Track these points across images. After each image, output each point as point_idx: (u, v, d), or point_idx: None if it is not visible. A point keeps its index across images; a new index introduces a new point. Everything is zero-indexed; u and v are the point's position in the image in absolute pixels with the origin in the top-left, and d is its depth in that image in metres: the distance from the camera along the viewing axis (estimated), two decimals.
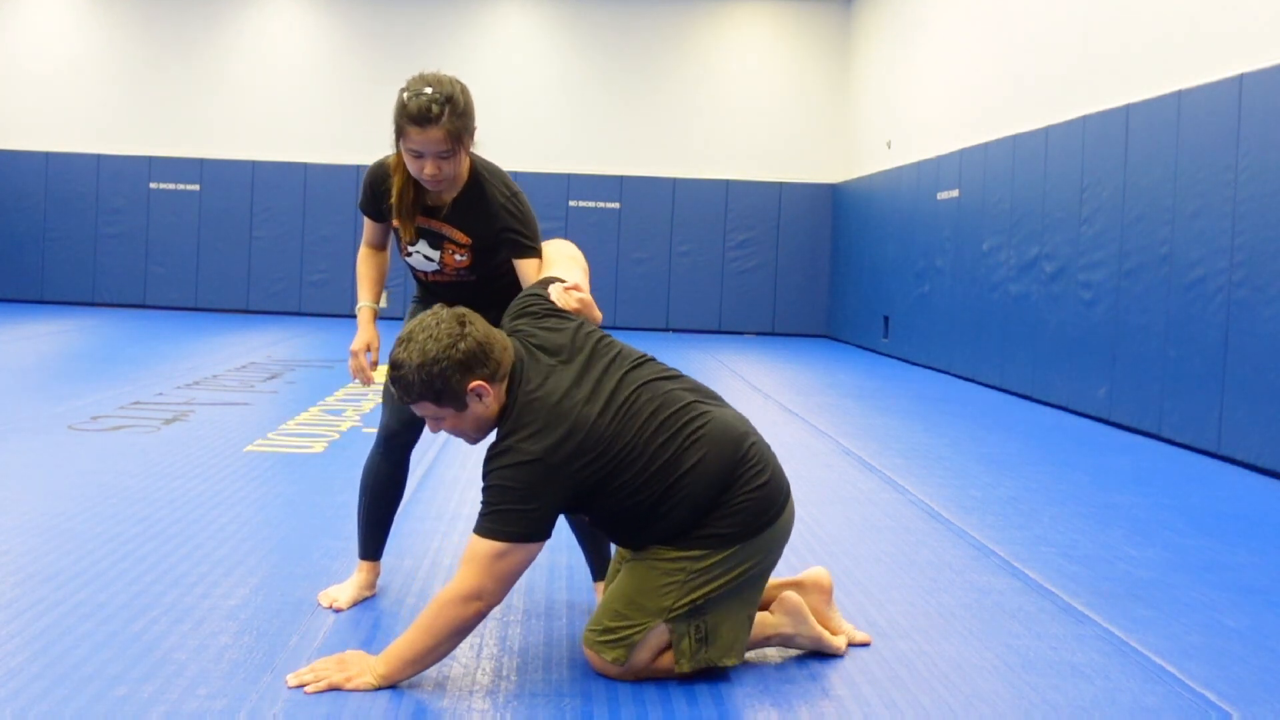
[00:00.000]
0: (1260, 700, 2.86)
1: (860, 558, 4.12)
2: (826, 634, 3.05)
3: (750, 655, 3.01)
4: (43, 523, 4.04)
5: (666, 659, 2.80)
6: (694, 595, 2.75)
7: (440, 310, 2.73)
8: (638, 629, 2.76)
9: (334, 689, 2.64)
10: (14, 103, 16.03)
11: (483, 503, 2.68)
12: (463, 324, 2.67)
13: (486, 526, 2.65)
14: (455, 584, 2.67)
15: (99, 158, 15.88)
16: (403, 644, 2.69)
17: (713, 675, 2.86)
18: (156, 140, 15.96)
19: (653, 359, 2.94)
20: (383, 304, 3.55)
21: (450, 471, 5.40)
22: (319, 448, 5.81)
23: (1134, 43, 8.03)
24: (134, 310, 15.57)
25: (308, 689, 2.63)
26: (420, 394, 2.67)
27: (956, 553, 4.25)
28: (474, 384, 2.65)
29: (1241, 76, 6.62)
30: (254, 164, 15.87)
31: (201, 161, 15.90)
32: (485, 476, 2.68)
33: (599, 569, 3.37)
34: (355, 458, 5.59)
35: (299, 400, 7.49)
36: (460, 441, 6.18)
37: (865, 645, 3.13)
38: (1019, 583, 3.86)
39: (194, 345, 11.07)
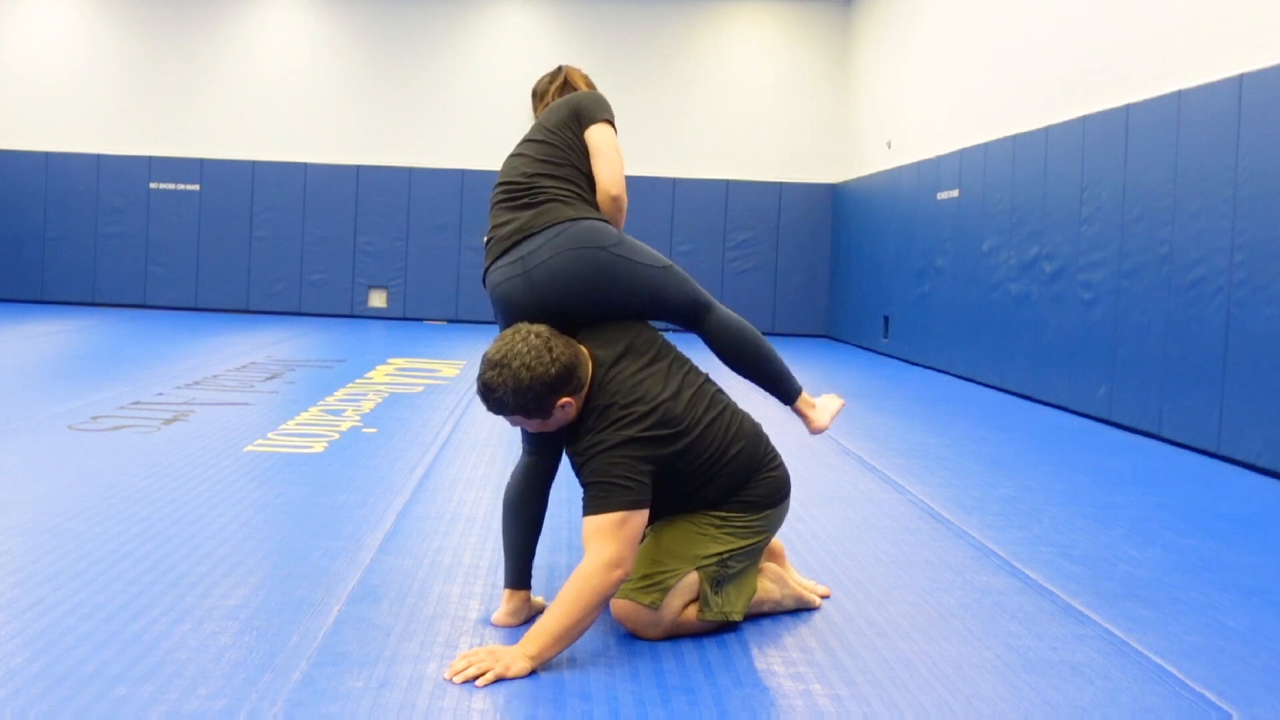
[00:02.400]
0: (1260, 700, 2.86)
1: (860, 558, 4.12)
2: (804, 592, 3.48)
3: (751, 654, 3.02)
4: (43, 523, 4.04)
5: (689, 613, 3.11)
6: (720, 549, 3.14)
7: (526, 334, 2.99)
8: (672, 574, 3.09)
9: (499, 679, 2.74)
10: (14, 103, 16.04)
11: (591, 485, 2.95)
12: (550, 348, 2.97)
13: (602, 504, 2.92)
14: (592, 557, 2.88)
15: (99, 158, 15.88)
16: (551, 623, 2.84)
17: (713, 674, 2.86)
18: (156, 140, 15.97)
19: (693, 364, 3.29)
20: (383, 304, 3.58)
21: (450, 471, 5.40)
22: (319, 448, 5.81)
23: (1134, 43, 8.03)
24: (134, 310, 15.57)
25: (478, 683, 2.72)
26: (512, 411, 3.01)
27: (956, 553, 4.25)
28: (561, 401, 2.99)
29: (1241, 76, 6.62)
30: (254, 164, 15.88)
31: (201, 161, 15.90)
32: (588, 463, 2.97)
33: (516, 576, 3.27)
34: (355, 457, 5.60)
35: (299, 400, 7.49)
36: (461, 442, 6.21)
37: (826, 597, 3.57)
38: (1019, 583, 3.86)
39: (194, 345, 11.07)
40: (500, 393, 2.95)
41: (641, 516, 2.94)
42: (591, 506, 2.94)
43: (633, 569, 3.07)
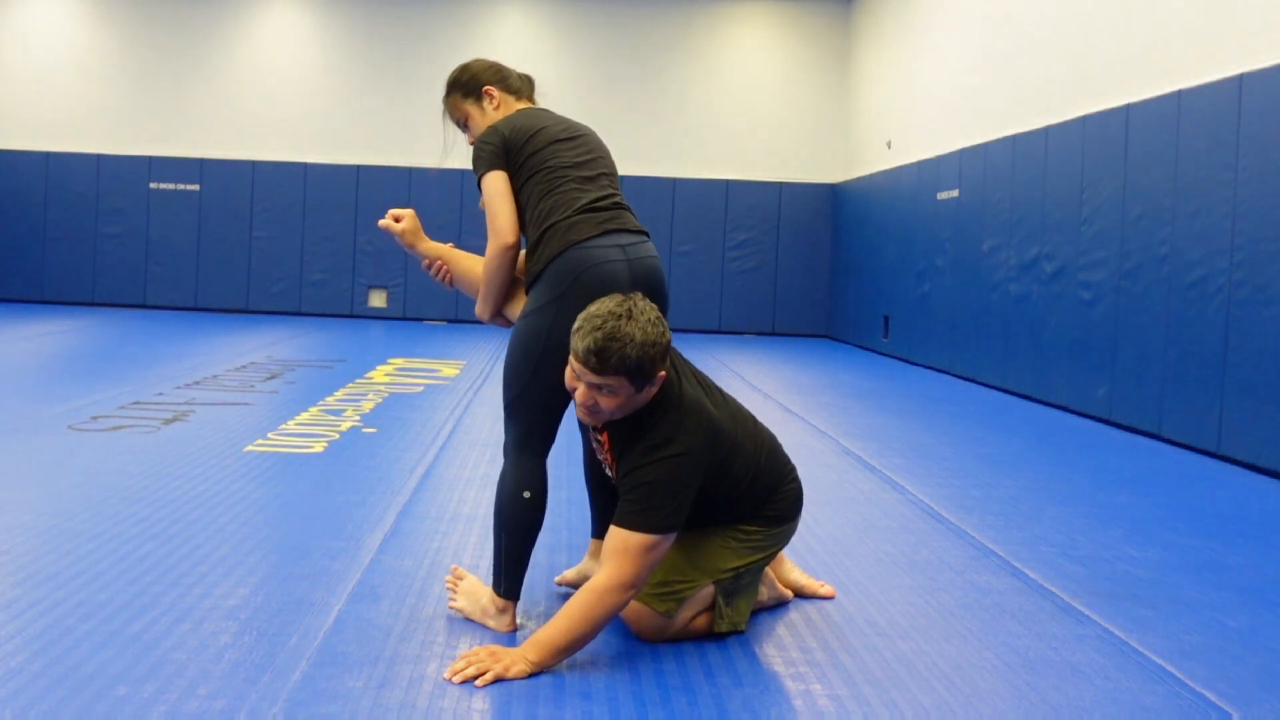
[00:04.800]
0: (1260, 700, 2.86)
1: (860, 558, 4.12)
2: (782, 589, 3.53)
3: (751, 654, 3.04)
4: (43, 523, 4.04)
5: (697, 621, 3.12)
6: (739, 563, 3.15)
7: (641, 298, 2.92)
8: (691, 585, 3.09)
9: (499, 679, 2.74)
10: (14, 103, 16.04)
11: (636, 499, 2.88)
12: (662, 317, 2.93)
13: (642, 521, 2.86)
14: (609, 574, 2.85)
15: (99, 158, 15.88)
16: (555, 632, 2.82)
17: (713, 674, 2.86)
18: (156, 140, 15.96)
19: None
20: (383, 304, 3.60)
21: (450, 471, 5.40)
22: (319, 448, 5.81)
23: (1134, 43, 8.03)
24: (134, 310, 15.57)
25: (478, 683, 2.72)
26: (625, 369, 2.82)
27: (956, 553, 4.25)
28: (661, 372, 2.91)
29: (1241, 76, 6.62)
30: (254, 164, 15.87)
31: (201, 161, 15.90)
32: (639, 469, 2.89)
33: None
34: (355, 457, 5.60)
35: (299, 400, 7.49)
36: (461, 442, 6.21)
37: (831, 597, 3.57)
38: (1019, 583, 3.86)
39: (194, 345, 11.07)
40: (627, 344, 2.79)
41: (670, 542, 2.92)
42: (627, 519, 2.87)
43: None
